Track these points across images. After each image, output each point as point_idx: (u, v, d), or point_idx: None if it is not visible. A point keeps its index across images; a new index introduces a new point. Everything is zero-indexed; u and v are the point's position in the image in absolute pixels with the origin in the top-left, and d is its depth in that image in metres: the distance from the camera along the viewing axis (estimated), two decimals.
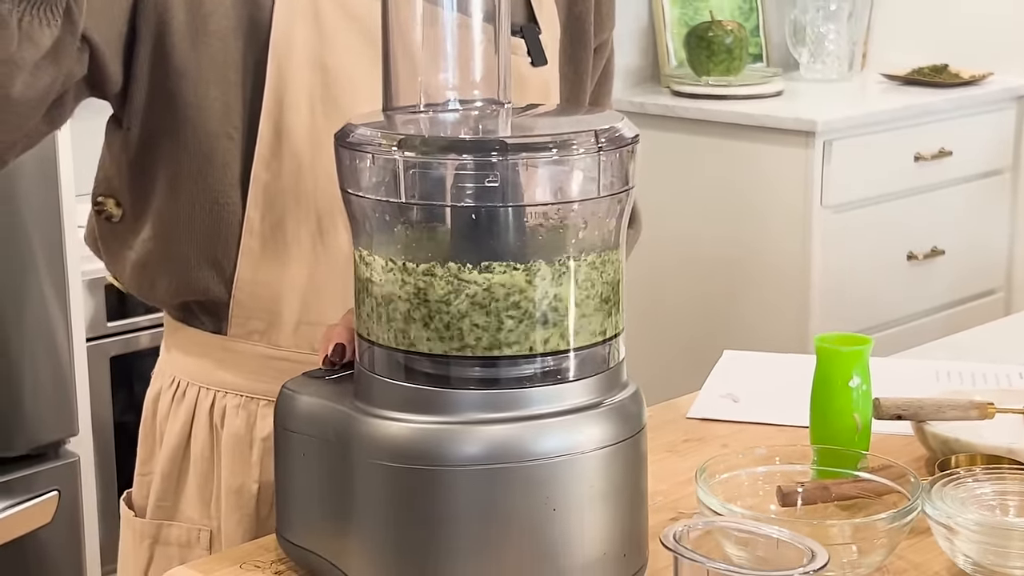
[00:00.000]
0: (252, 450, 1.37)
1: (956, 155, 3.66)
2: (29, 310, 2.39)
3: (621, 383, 1.11)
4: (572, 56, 1.46)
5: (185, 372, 1.41)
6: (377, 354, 1.07)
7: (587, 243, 1.05)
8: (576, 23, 1.46)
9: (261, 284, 1.35)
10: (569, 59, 1.46)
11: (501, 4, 1.11)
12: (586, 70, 1.48)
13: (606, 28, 1.50)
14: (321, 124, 1.31)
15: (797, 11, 3.97)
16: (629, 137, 1.06)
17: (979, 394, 1.42)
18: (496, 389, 1.05)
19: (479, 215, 1.02)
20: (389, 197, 1.03)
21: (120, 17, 1.27)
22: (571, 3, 1.46)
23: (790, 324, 3.46)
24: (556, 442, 1.05)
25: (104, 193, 1.40)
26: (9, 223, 2.36)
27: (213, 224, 1.33)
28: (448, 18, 1.10)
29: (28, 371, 2.39)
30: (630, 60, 3.81)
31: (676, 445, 1.45)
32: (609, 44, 1.52)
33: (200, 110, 1.30)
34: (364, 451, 1.06)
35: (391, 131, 1.04)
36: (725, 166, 3.52)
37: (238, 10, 1.30)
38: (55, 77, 1.18)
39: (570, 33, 1.46)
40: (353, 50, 1.31)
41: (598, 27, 1.49)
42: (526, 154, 1.01)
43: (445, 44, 1.10)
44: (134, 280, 1.40)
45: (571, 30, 1.46)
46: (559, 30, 1.44)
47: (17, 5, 1.10)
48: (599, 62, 1.51)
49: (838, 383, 1.30)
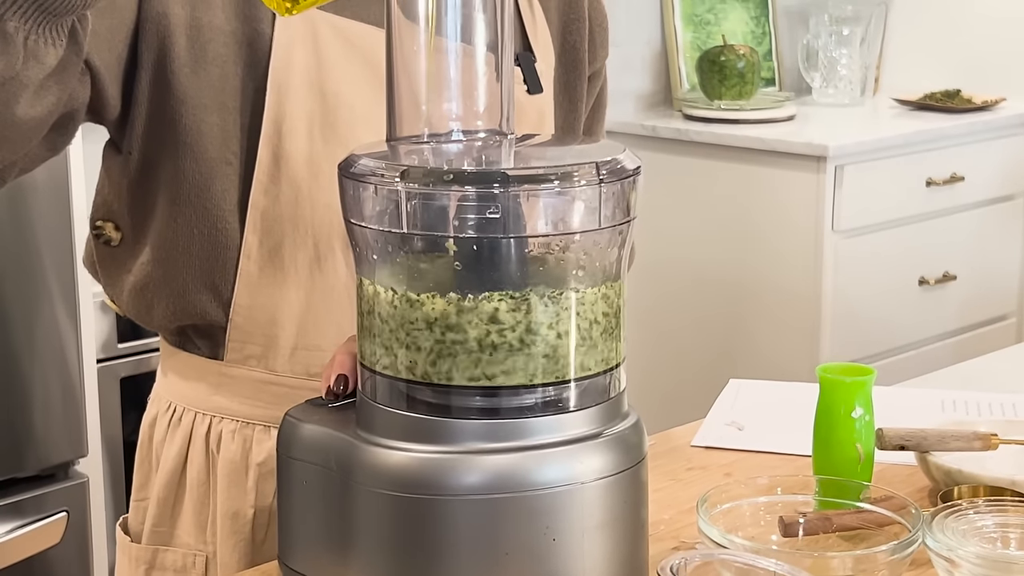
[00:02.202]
0: (248, 475, 1.38)
1: (968, 180, 3.66)
2: (40, 331, 2.40)
3: (622, 413, 1.11)
4: (567, 84, 1.48)
5: (181, 397, 1.41)
6: (379, 383, 1.08)
7: (588, 274, 1.06)
8: (570, 52, 1.47)
9: (258, 309, 1.35)
10: (564, 87, 1.47)
11: (504, 36, 1.12)
12: (580, 97, 1.49)
13: (599, 57, 1.52)
14: (320, 151, 1.32)
15: (810, 36, 3.98)
16: (630, 169, 1.07)
17: (983, 424, 1.42)
18: (497, 419, 1.05)
19: (481, 246, 1.02)
20: (391, 227, 1.04)
21: (121, 42, 1.28)
22: (565, 32, 1.47)
23: (800, 348, 3.46)
24: (556, 472, 1.05)
25: (103, 217, 1.41)
26: (22, 245, 2.37)
27: (211, 249, 1.34)
28: (452, 48, 1.11)
29: (39, 392, 2.41)
30: (642, 84, 3.82)
31: (680, 473, 1.45)
32: (603, 72, 1.53)
33: (199, 135, 1.31)
34: (366, 479, 1.07)
35: (394, 162, 1.05)
36: (737, 190, 3.52)
37: (238, 37, 1.31)
38: (59, 97, 1.20)
39: (564, 62, 1.47)
40: (352, 77, 1.32)
41: (592, 56, 1.50)
42: (528, 186, 1.02)
43: (449, 74, 1.11)
44: (132, 304, 1.40)
45: (565, 59, 1.47)
46: (554, 58, 1.46)
47: (23, 24, 1.11)
48: (593, 90, 1.52)
49: (841, 413, 1.30)
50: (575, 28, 1.48)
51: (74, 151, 2.35)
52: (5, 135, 1.17)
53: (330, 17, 1.32)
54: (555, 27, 1.47)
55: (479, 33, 1.11)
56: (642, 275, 3.69)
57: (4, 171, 1.24)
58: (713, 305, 3.60)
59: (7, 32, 1.10)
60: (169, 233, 1.35)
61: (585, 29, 1.49)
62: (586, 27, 1.49)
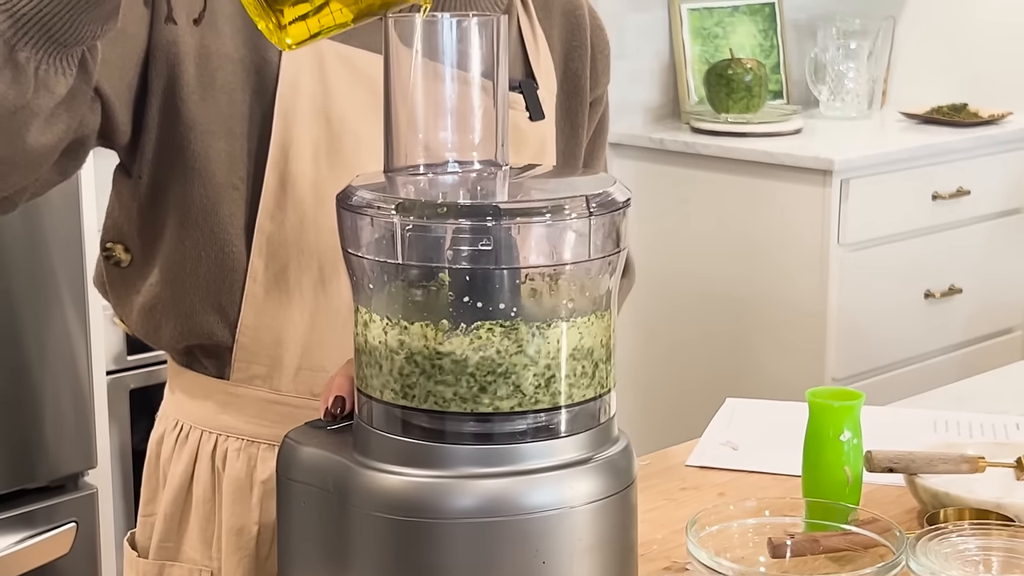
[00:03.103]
0: (252, 493, 1.40)
1: (974, 194, 3.68)
2: (51, 344, 2.44)
3: (612, 438, 1.14)
4: (568, 110, 1.50)
5: (188, 415, 1.44)
6: (375, 408, 1.11)
7: (579, 303, 1.09)
8: (572, 79, 1.50)
9: (264, 330, 1.38)
10: (565, 113, 1.50)
11: (499, 69, 1.15)
12: (581, 123, 1.51)
13: (601, 84, 1.54)
14: (325, 176, 1.35)
15: (818, 49, 4.00)
16: (620, 201, 1.09)
17: (972, 447, 1.44)
18: (489, 444, 1.08)
19: (474, 276, 1.05)
20: (387, 258, 1.07)
21: (131, 70, 1.31)
22: (568, 59, 1.50)
23: (806, 361, 3.48)
24: (547, 496, 1.08)
25: (113, 239, 1.44)
26: (34, 259, 2.41)
27: (218, 271, 1.37)
28: (448, 81, 1.13)
29: (50, 404, 2.44)
30: (650, 96, 3.85)
31: (673, 493, 1.48)
32: (604, 99, 1.56)
33: (207, 161, 1.34)
34: (362, 502, 1.09)
35: (390, 195, 1.08)
36: (743, 203, 3.55)
37: (246, 65, 1.34)
38: (69, 125, 1.22)
39: (566, 88, 1.50)
40: (357, 104, 1.35)
41: (593, 82, 1.53)
42: (520, 219, 1.04)
43: (445, 107, 1.13)
44: (140, 324, 1.43)
45: (567, 85, 1.50)
46: (556, 85, 1.48)
47: (35, 54, 1.13)
48: (594, 116, 1.55)
49: (829, 437, 1.33)
50: (577, 55, 1.51)
51: (84, 167, 2.38)
52: (17, 162, 1.20)
53: (336, 45, 1.35)
54: (558, 54, 1.50)
55: (475, 66, 1.14)
56: (648, 287, 3.71)
57: (16, 195, 1.27)
58: (719, 317, 3.62)
59: (18, 62, 1.13)
60: (177, 255, 1.38)
61: (587, 56, 1.51)
62: (588, 54, 1.51)
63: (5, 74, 1.13)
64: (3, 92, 1.13)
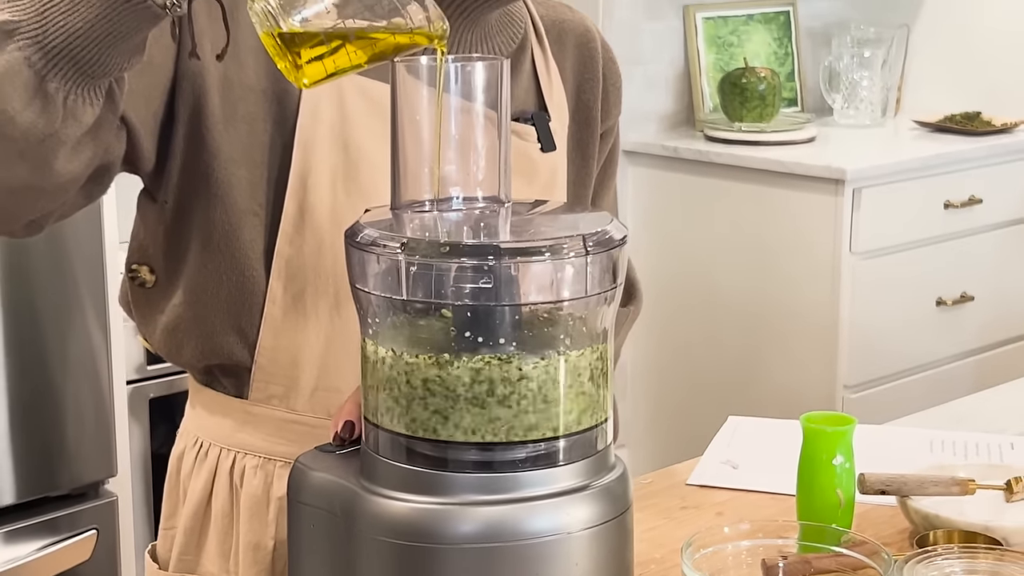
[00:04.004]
0: (269, 509, 1.45)
1: (986, 203, 3.70)
2: (73, 354, 2.48)
3: (608, 465, 1.18)
4: (579, 141, 1.54)
5: (207, 433, 1.49)
6: (381, 436, 1.15)
7: (576, 337, 1.13)
8: (584, 110, 1.54)
9: (281, 351, 1.43)
10: (576, 144, 1.54)
11: (503, 111, 1.19)
12: (592, 154, 1.55)
13: (612, 115, 1.58)
14: (343, 203, 1.39)
15: (832, 58, 4.03)
16: (617, 239, 1.14)
17: (964, 469, 1.48)
18: (490, 472, 1.12)
19: (475, 312, 1.10)
20: (392, 294, 1.11)
21: (157, 99, 1.35)
22: (580, 91, 1.54)
23: (818, 368, 3.51)
24: (546, 523, 1.12)
25: (138, 261, 1.48)
26: (57, 269, 2.46)
27: (239, 293, 1.41)
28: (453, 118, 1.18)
29: (72, 413, 2.48)
30: (665, 104, 3.88)
31: (674, 512, 1.52)
32: (615, 130, 1.59)
33: (229, 188, 1.38)
34: (368, 527, 1.14)
35: (396, 233, 1.13)
36: (756, 211, 3.58)
37: (268, 95, 1.38)
38: (95, 152, 1.26)
39: (578, 119, 1.54)
40: (374, 134, 1.39)
41: (604, 114, 1.56)
42: (519, 258, 1.09)
43: (450, 147, 1.18)
44: (163, 343, 1.48)
45: (579, 116, 1.54)
46: (567, 117, 1.52)
47: (63, 84, 1.17)
48: (604, 146, 1.58)
49: (823, 461, 1.38)
50: (589, 87, 1.54)
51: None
52: (45, 187, 1.24)
53: (354, 77, 1.39)
54: (570, 86, 1.53)
55: (479, 107, 1.19)
56: (660, 294, 3.75)
57: (43, 218, 1.32)
58: (731, 324, 3.65)
59: (48, 92, 1.17)
60: (200, 277, 1.42)
61: (599, 89, 1.55)
62: (600, 87, 1.55)
63: (35, 104, 1.17)
64: (32, 121, 1.17)
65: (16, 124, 1.17)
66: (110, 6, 1.14)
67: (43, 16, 1.15)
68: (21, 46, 1.15)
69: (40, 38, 1.15)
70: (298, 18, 1.13)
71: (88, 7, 1.14)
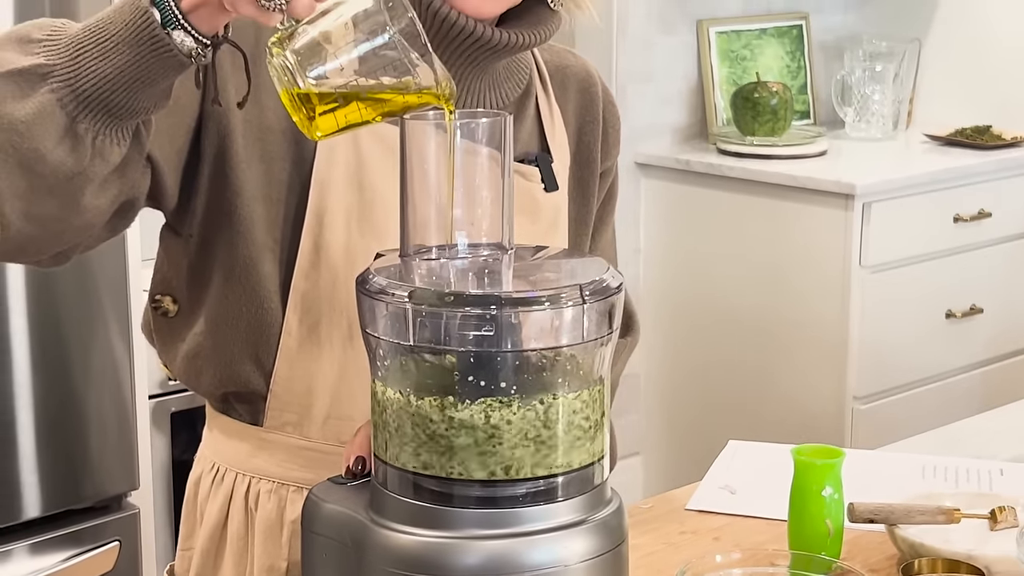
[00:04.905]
0: (282, 532, 1.51)
1: (995, 216, 3.73)
2: (97, 369, 2.54)
3: (605, 500, 1.25)
4: (580, 180, 1.61)
5: (224, 458, 1.55)
6: (390, 473, 1.22)
7: (574, 380, 1.20)
8: (585, 151, 1.61)
9: (296, 380, 1.49)
10: (577, 183, 1.60)
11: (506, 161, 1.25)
12: (592, 193, 1.62)
13: (611, 156, 1.64)
14: (356, 242, 1.46)
15: (844, 71, 4.07)
16: (613, 287, 1.20)
17: (951, 498, 1.54)
18: (493, 508, 1.19)
19: (478, 357, 1.17)
20: (400, 339, 1.18)
21: (182, 138, 1.42)
22: (581, 132, 1.60)
23: (828, 380, 3.55)
24: (545, 556, 1.19)
25: (162, 292, 1.55)
26: (81, 287, 2.51)
27: (257, 324, 1.48)
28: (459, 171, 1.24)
29: (96, 428, 2.54)
30: (679, 117, 3.92)
31: (672, 537, 1.58)
32: (613, 169, 1.66)
33: (250, 224, 1.45)
34: (377, 558, 1.21)
35: (404, 282, 1.19)
36: (767, 224, 3.61)
37: (287, 136, 1.45)
38: (121, 189, 1.33)
39: (579, 160, 1.60)
40: (388, 174, 1.46)
41: (604, 154, 1.63)
42: (520, 307, 1.16)
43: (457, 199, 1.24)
44: (183, 370, 1.54)
45: (580, 157, 1.60)
46: (569, 157, 1.59)
47: (93, 125, 1.24)
48: (604, 185, 1.65)
49: (813, 492, 1.44)
50: (590, 129, 1.61)
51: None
52: (72, 221, 1.30)
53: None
54: (572, 128, 1.60)
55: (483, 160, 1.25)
56: (672, 304, 3.80)
57: (70, 250, 1.38)
58: (742, 336, 3.68)
59: (78, 132, 1.24)
60: (221, 308, 1.49)
61: (599, 130, 1.62)
62: (600, 128, 1.62)
63: (65, 143, 1.23)
64: (62, 159, 1.24)
65: (47, 162, 1.23)
66: (138, 54, 1.21)
67: (76, 61, 1.22)
68: (54, 88, 1.22)
69: (72, 82, 1.22)
70: (313, 74, 1.19)
71: (118, 54, 1.21)
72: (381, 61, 1.19)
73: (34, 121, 1.22)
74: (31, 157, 1.23)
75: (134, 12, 1.20)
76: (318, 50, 1.19)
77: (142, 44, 1.20)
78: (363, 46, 1.19)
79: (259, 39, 1.36)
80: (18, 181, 1.24)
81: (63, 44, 1.23)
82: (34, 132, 1.22)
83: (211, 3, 1.19)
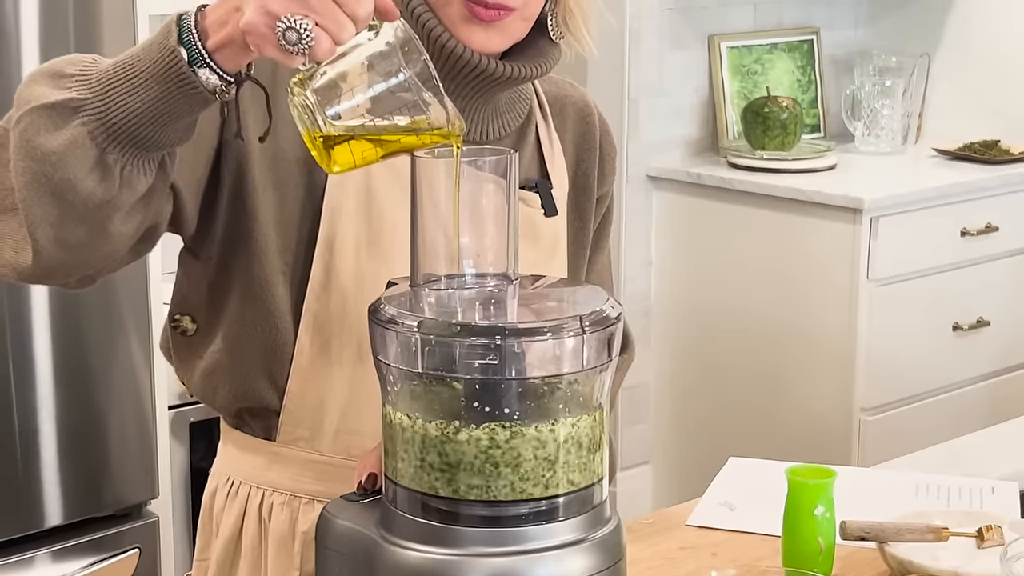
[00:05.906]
0: (295, 543, 1.57)
1: (1003, 230, 3.76)
2: (118, 380, 2.60)
3: (604, 519, 1.30)
4: (577, 205, 1.67)
5: (238, 472, 1.62)
6: (399, 492, 1.28)
7: (574, 406, 1.26)
8: (582, 177, 1.68)
9: (308, 396, 1.55)
10: (575, 208, 1.67)
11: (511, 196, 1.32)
12: (589, 217, 1.69)
13: (607, 182, 1.71)
14: (366, 266, 1.52)
15: (854, 86, 4.11)
16: (612, 317, 1.26)
17: (941, 516, 1.59)
18: (497, 527, 1.25)
19: (483, 384, 1.23)
20: (409, 367, 1.24)
21: (202, 166, 1.48)
22: (578, 160, 1.67)
23: (836, 392, 3.59)
24: (547, 573, 1.24)
25: (181, 311, 1.61)
26: (103, 299, 2.57)
27: (270, 343, 1.54)
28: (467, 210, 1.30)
29: (116, 438, 2.60)
30: (690, 131, 3.96)
31: (672, 553, 1.63)
32: (610, 195, 1.73)
33: (265, 247, 1.52)
34: (387, 574, 1.27)
35: (414, 313, 1.25)
36: (776, 238, 3.65)
37: (301, 165, 1.51)
38: (145, 216, 1.39)
39: (576, 186, 1.67)
40: (397, 202, 1.52)
41: (600, 180, 1.70)
42: (524, 338, 1.22)
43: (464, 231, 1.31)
44: (200, 386, 1.61)
45: (577, 183, 1.67)
46: (567, 183, 1.65)
47: (121, 156, 1.30)
48: (600, 210, 1.72)
49: (805, 511, 1.50)
50: (587, 157, 1.68)
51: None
52: (99, 247, 1.36)
53: None
54: (570, 155, 1.67)
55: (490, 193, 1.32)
56: (682, 316, 3.85)
57: (96, 273, 1.44)
58: (751, 348, 3.72)
59: (107, 163, 1.30)
60: (237, 327, 1.55)
61: (596, 158, 1.68)
62: (597, 156, 1.69)
63: (95, 173, 1.29)
64: (92, 188, 1.30)
65: (77, 191, 1.29)
66: (166, 90, 1.27)
67: (106, 96, 1.28)
68: (85, 121, 1.28)
69: (103, 115, 1.28)
70: (332, 112, 1.26)
71: (147, 90, 1.27)
72: (396, 102, 1.25)
73: (66, 152, 1.28)
74: (63, 186, 1.29)
75: (162, 50, 1.27)
76: (336, 90, 1.25)
77: (169, 81, 1.26)
78: (379, 86, 1.25)
79: (275, 72, 1.42)
80: (50, 209, 1.30)
81: (94, 79, 1.29)
82: (66, 162, 1.28)
83: (236, 43, 1.25)
